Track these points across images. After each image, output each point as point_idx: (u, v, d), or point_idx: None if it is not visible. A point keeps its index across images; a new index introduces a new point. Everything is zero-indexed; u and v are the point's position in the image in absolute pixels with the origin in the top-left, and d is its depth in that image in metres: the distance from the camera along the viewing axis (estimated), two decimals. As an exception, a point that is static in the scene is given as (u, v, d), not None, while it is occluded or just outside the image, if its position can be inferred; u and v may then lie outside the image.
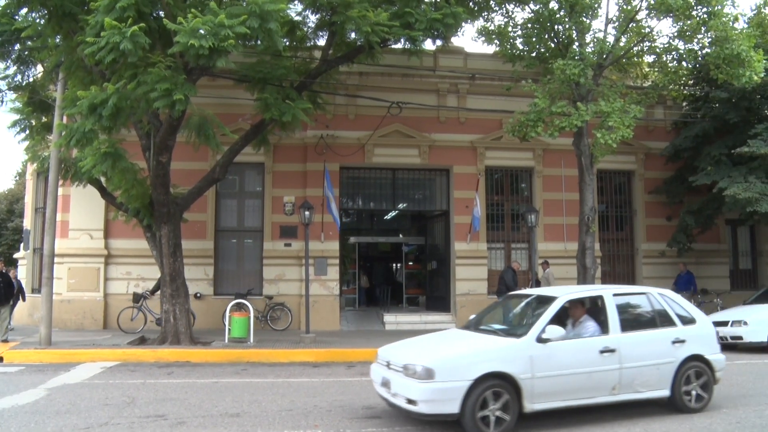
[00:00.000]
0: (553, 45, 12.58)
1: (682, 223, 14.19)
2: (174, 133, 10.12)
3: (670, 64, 13.03)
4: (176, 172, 11.76)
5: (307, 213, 12.08)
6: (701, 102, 14.21)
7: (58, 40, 9.80)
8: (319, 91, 12.28)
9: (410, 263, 18.93)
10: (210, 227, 14.01)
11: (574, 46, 12.13)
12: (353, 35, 10.62)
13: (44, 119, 12.30)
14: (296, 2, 10.55)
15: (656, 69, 13.55)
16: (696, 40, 12.16)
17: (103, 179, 11.43)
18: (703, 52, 12.22)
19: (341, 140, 14.24)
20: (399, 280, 18.54)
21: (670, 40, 12.46)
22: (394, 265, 20.06)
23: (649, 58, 13.47)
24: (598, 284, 12.59)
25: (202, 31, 7.88)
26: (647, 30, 12.52)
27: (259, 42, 9.61)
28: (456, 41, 13.80)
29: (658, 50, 12.69)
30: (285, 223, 14.12)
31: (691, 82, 14.44)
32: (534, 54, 12.89)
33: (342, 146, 14.16)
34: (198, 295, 13.39)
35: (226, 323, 11.26)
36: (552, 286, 12.84)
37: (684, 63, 13.17)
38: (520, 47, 13.02)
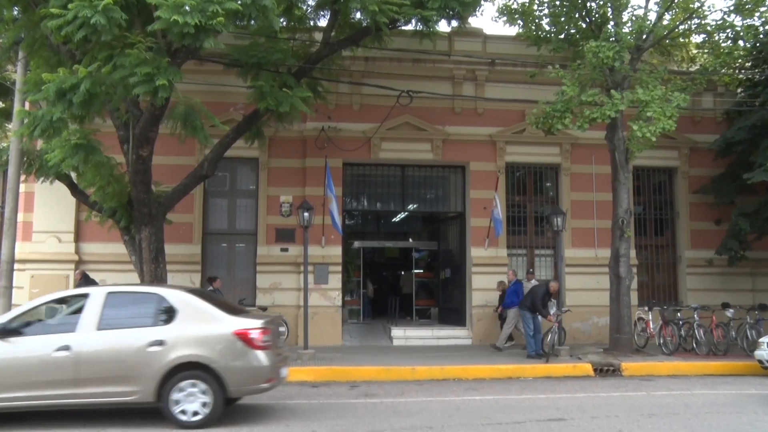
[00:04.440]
0: (584, 25, 12.36)
1: (734, 228, 13.74)
2: (156, 123, 9.93)
3: (724, 44, 12.58)
4: (159, 168, 11.61)
5: (306, 214, 11.95)
6: (760, 87, 13.55)
7: (16, 13, 9.57)
8: (320, 78, 12.23)
9: (421, 271, 18.87)
10: (197, 230, 13.87)
11: (609, 26, 11.85)
12: (358, 15, 10.53)
13: (2, 104, 12.05)
14: (294, -24, 10.46)
15: (706, 50, 13.13)
16: (757, 14, 11.74)
17: (73, 175, 11.22)
18: (765, 28, 11.80)
19: (344, 133, 14.12)
20: (408, 290, 18.45)
21: (725, 16, 12.08)
22: (403, 272, 20.00)
23: (697, 38, 13.08)
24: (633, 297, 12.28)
25: (187, 7, 7.68)
26: (696, 5, 12.15)
27: (252, 21, 9.46)
28: (474, 22, 13.54)
29: (709, 28, 12.31)
30: (281, 225, 14.02)
31: (749, 64, 13.91)
32: (562, 35, 12.69)
33: (345, 140, 14.04)
34: (183, 305, 13.29)
35: (215, 337, 11.14)
36: None
37: (740, 42, 12.69)
38: (547, 28, 12.85)
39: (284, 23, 10.63)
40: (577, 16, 12.26)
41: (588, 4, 11.99)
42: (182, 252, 13.51)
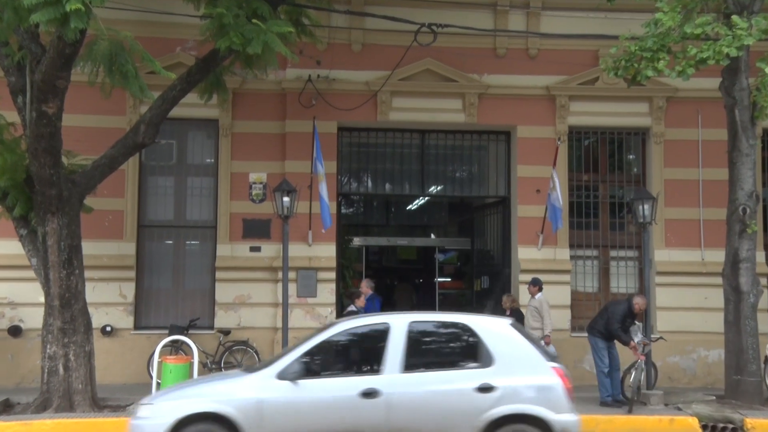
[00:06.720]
0: None
1: None
2: (67, 67, 9.68)
3: None
4: (73, 132, 11.59)
5: (285, 199, 11.89)
6: None
7: None
8: (306, 5, 11.98)
9: (447, 279, 19.13)
10: (130, 221, 13.86)
11: None
12: None
13: None
14: None
15: None
16: None
17: (-61, 141, 11.37)
18: None
19: (340, 85, 14.06)
20: (429, 306, 18.56)
21: None
22: (422, 281, 20.36)
23: None
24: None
25: None
26: None
27: None
28: None
29: None
30: (251, 214, 14.05)
31: None
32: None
33: (341, 95, 13.97)
34: (108, 329, 13.24)
35: (154, 374, 11.42)
36: (544, 318, 12.84)
37: None
38: (636, -77, 12.58)
39: None
40: None
41: None
42: (108, 252, 13.44)
